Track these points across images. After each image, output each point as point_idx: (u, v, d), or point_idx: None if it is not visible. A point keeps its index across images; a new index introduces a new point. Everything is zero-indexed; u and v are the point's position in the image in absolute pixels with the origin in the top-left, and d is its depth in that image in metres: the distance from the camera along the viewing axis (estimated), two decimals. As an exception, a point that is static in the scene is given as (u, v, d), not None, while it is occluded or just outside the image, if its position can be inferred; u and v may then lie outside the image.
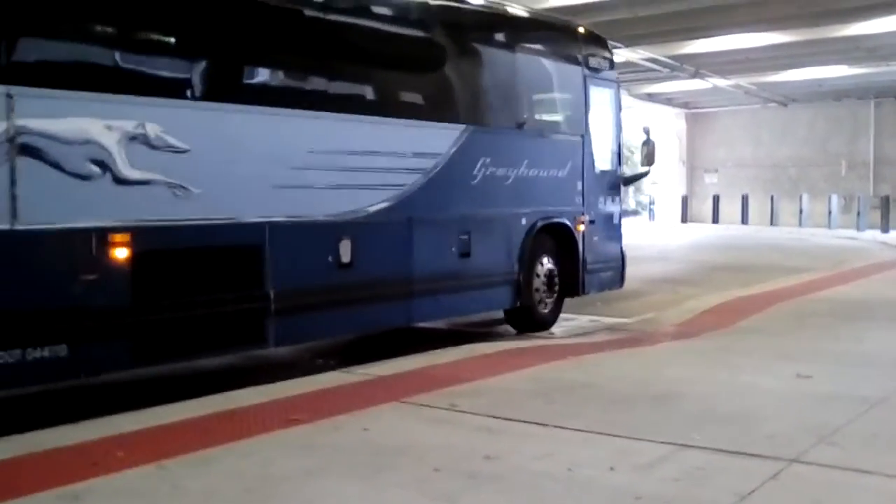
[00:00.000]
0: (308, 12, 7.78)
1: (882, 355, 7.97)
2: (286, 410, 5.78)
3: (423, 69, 9.13)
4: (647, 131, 12.49)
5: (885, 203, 33.61)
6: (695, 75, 31.42)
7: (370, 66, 8.53)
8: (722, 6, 22.16)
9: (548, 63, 10.70)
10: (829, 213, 36.39)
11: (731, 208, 40.10)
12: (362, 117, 8.16)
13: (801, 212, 37.70)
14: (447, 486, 4.36)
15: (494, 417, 5.67)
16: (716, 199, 41.41)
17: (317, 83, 8.00)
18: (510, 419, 5.63)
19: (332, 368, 7.55)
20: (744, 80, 34.03)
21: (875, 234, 30.86)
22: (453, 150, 8.98)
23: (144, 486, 4.35)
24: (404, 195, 8.44)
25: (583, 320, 11.14)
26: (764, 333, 9.25)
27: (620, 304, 12.36)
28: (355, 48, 8.30)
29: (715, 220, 40.83)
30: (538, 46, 10.64)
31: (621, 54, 21.95)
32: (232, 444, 5.07)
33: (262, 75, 7.70)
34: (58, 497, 4.17)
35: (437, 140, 8.85)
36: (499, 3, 10.51)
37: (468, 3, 9.99)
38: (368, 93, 8.69)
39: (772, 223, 38.38)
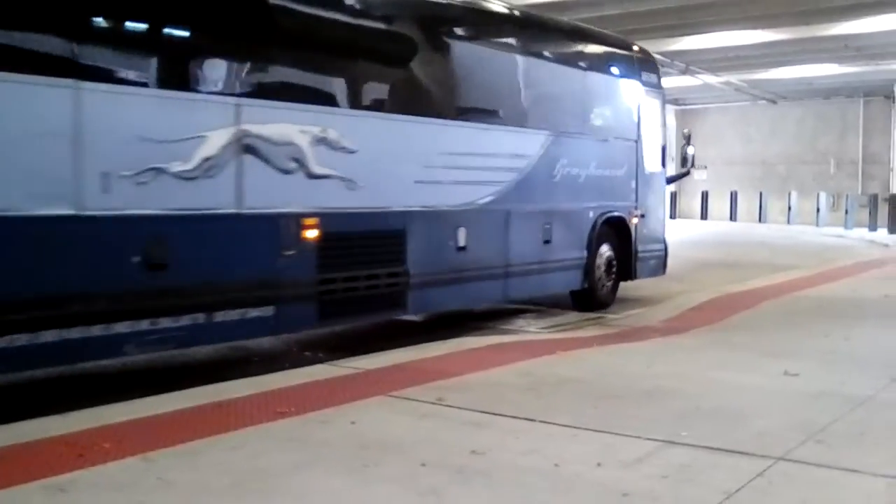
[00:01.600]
0: (441, 49, 9.72)
1: (869, 353, 8.00)
2: (274, 403, 5.76)
3: (522, 82, 10.62)
4: (687, 137, 13.92)
5: (872, 201, 33.71)
6: (685, 72, 31.47)
7: (484, 82, 10.16)
8: (712, 4, 22.23)
9: (611, 77, 12.35)
10: (818, 210, 36.50)
11: (719, 205, 40.25)
12: (476, 125, 9.82)
13: (789, 209, 37.84)
14: (434, 480, 4.36)
15: (482, 412, 5.66)
16: (704, 196, 41.51)
17: (445, 96, 9.63)
18: (497, 414, 5.62)
19: (320, 361, 7.53)
20: (734, 78, 34.12)
21: (863, 233, 30.96)
22: (540, 152, 10.61)
23: (130, 478, 4.32)
24: (504, 190, 10.04)
25: (571, 315, 11.14)
26: (752, 330, 9.27)
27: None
28: (475, 70, 10.01)
29: (703, 216, 40.93)
30: (604, 62, 12.35)
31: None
32: (219, 436, 5.05)
33: (407, 91, 9.23)
34: (43, 488, 4.14)
35: (528, 144, 10.48)
36: (575, 24, 12.85)
37: (556, 28, 12.12)
38: (482, 103, 10.15)
39: (760, 220, 38.52)
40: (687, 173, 14.60)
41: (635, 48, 13.06)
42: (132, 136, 6.35)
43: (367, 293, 8.31)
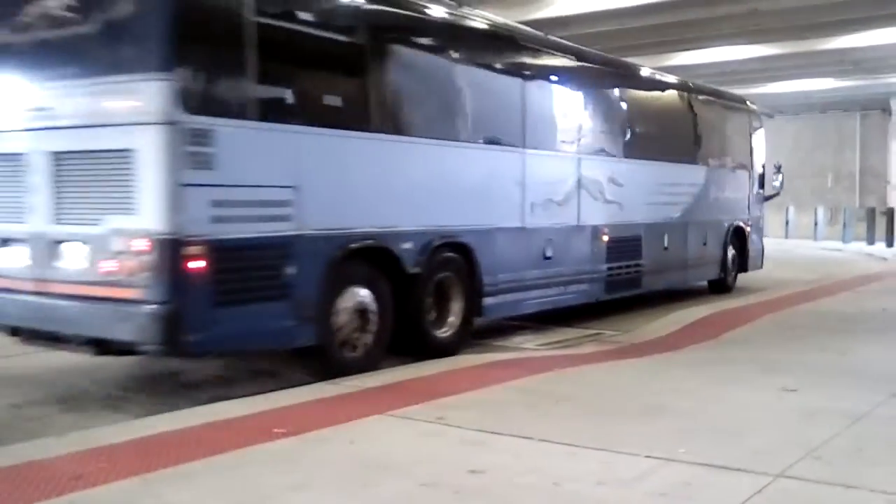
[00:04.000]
0: (664, 113, 14.71)
1: (867, 368, 8.00)
2: (271, 423, 5.75)
3: (697, 131, 15.28)
4: (777, 167, 18.52)
5: (870, 215, 33.71)
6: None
7: (681, 132, 14.93)
8: (709, 19, 22.19)
9: (738, 124, 17.10)
10: (815, 224, 36.47)
11: (717, 219, 40.09)
12: (674, 163, 14.32)
13: (786, 223, 37.77)
14: (433, 500, 4.35)
15: (481, 430, 5.65)
16: (702, 211, 41.39)
17: (661, 144, 13.98)
18: (496, 433, 5.61)
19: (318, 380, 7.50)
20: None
21: (861, 246, 30.97)
22: (702, 181, 15.16)
23: (127, 499, 4.31)
24: (685, 208, 14.55)
25: (570, 332, 11.14)
26: (750, 346, 9.26)
27: (607, 315, 12.37)
28: (679, 124, 14.97)
29: (702, 231, 40.76)
30: (735, 113, 17.20)
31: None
32: (216, 457, 5.04)
33: (646, 141, 13.48)
34: (40, 511, 4.13)
35: (697, 175, 15.07)
36: (719, 90, 17.63)
37: (710, 91, 16.70)
38: (679, 148, 14.71)
39: (758, 234, 38.36)
40: (777, 194, 18.75)
41: (749, 102, 17.86)
42: (542, 181, 10.70)
43: (625, 277, 12.57)
